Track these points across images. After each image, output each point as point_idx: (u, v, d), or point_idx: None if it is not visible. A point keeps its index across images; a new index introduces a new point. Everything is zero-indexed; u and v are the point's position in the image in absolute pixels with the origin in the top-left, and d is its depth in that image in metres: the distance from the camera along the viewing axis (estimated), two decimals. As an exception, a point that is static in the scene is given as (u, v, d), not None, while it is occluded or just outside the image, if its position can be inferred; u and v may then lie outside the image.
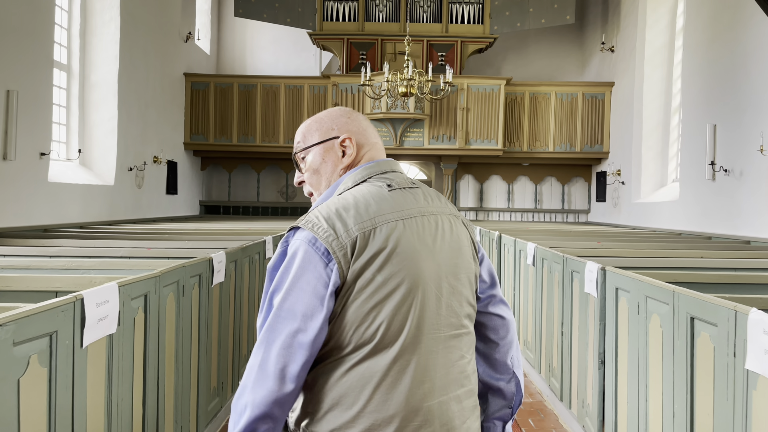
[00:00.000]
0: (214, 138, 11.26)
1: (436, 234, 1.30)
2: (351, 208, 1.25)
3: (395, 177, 1.36)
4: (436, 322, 1.26)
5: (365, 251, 1.21)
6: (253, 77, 11.28)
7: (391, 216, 1.25)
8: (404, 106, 10.50)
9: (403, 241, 1.24)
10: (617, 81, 10.93)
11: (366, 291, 1.20)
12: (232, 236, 6.58)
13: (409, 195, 1.32)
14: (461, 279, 1.32)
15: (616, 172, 10.63)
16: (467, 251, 1.37)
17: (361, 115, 1.50)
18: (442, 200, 1.41)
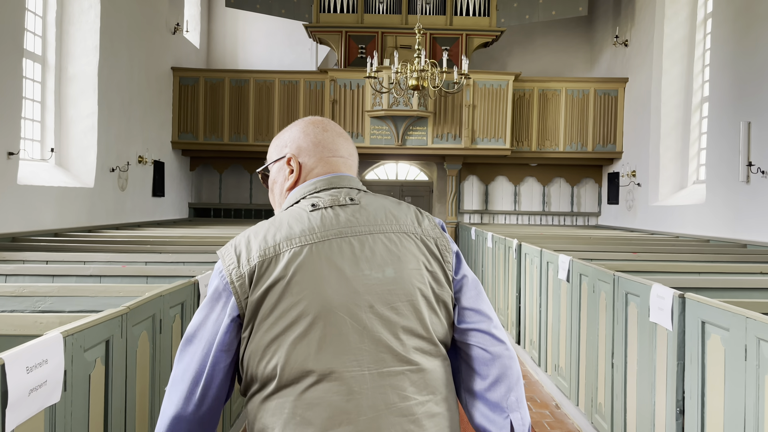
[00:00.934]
0: (203, 137, 10.57)
1: (359, 257, 1.19)
2: (261, 233, 1.22)
3: (329, 195, 1.28)
4: (357, 357, 1.14)
5: (263, 280, 1.16)
6: (245, 72, 10.61)
7: (297, 240, 1.18)
8: (407, 102, 9.86)
9: (308, 267, 1.16)
10: (632, 77, 10.34)
11: (266, 323, 1.15)
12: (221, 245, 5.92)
13: (332, 214, 1.23)
14: (399, 308, 1.18)
15: (630, 173, 10.05)
16: (414, 274, 1.21)
17: (325, 127, 1.40)
18: (397, 215, 1.28)
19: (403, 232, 1.25)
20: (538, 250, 5.23)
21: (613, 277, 3.52)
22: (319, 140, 1.38)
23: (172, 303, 2.64)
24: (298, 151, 1.37)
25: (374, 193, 1.38)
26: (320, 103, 10.52)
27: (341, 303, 1.15)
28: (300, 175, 1.37)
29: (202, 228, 8.82)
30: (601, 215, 11.65)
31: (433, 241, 1.28)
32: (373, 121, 10.28)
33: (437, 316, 1.23)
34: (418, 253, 1.24)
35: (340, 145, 1.39)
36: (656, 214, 9.29)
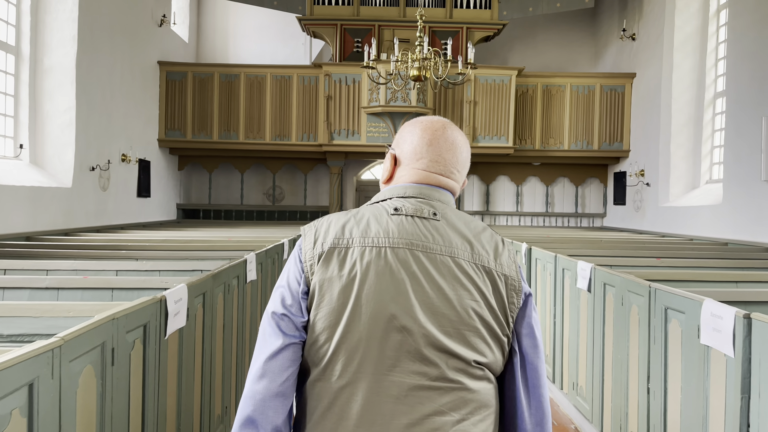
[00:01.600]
0: (192, 134, 10.08)
1: (423, 273, 1.21)
2: (341, 222, 1.28)
3: (415, 203, 1.31)
4: (399, 365, 1.17)
5: (329, 267, 1.22)
6: (235, 66, 10.12)
7: (371, 240, 1.23)
8: (405, 98, 9.40)
9: (371, 268, 1.20)
10: (639, 72, 9.90)
11: (323, 310, 1.21)
12: (206, 250, 5.44)
13: (411, 224, 1.26)
14: (449, 331, 1.19)
15: (638, 173, 9.61)
16: (471, 304, 1.21)
17: (436, 136, 1.38)
18: (473, 242, 1.26)
19: (473, 261, 1.25)
20: (552, 255, 4.78)
21: (648, 289, 3.07)
22: (422, 148, 1.37)
23: (131, 326, 2.17)
24: (401, 151, 1.41)
25: (463, 213, 1.35)
26: (314, 99, 10.05)
27: (394, 311, 1.18)
28: (393, 174, 1.41)
29: (189, 230, 8.34)
30: (606, 216, 11.21)
31: (503, 279, 1.26)
32: (369, 117, 9.81)
33: (488, 347, 1.23)
34: (480, 285, 1.24)
35: (442, 157, 1.37)
36: (667, 216, 8.85)
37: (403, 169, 1.39)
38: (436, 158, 1.36)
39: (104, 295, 3.09)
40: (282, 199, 11.68)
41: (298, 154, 10.59)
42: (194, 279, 3.02)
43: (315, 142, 10.05)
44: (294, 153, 10.48)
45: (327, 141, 9.85)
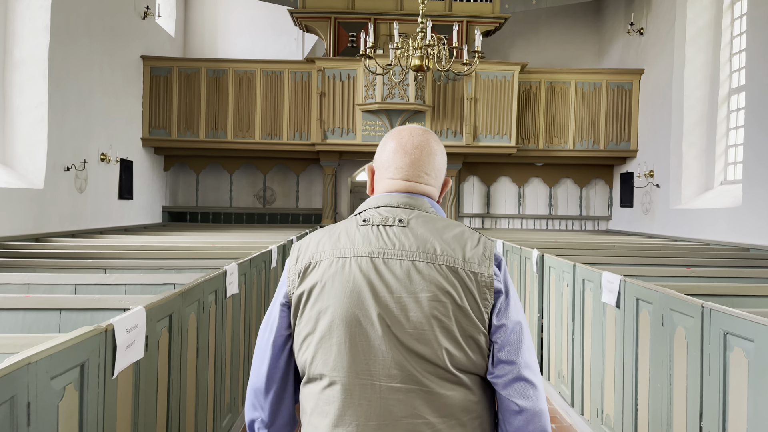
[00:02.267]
0: (177, 133, 9.55)
1: (384, 279, 1.25)
2: (317, 238, 1.37)
3: (383, 212, 1.35)
4: (370, 369, 1.23)
5: (306, 281, 1.31)
6: (224, 61, 9.60)
7: (338, 252, 1.30)
8: (403, 95, 8.91)
9: (338, 278, 1.27)
10: (648, 68, 9.45)
11: (302, 320, 1.31)
12: (186, 258, 4.93)
13: (376, 233, 1.31)
14: (414, 333, 1.22)
15: (647, 174, 9.15)
16: (434, 305, 1.23)
17: (402, 143, 1.42)
18: (438, 244, 1.28)
19: (437, 262, 1.26)
20: (570, 265, 4.29)
21: (700, 309, 2.58)
22: (391, 157, 1.43)
23: (58, 370, 1.65)
24: (376, 164, 1.48)
25: (437, 216, 1.38)
26: (307, 96, 9.54)
27: (360, 318, 1.24)
28: (372, 186, 1.49)
29: (172, 235, 7.81)
30: (612, 219, 10.75)
31: (472, 276, 1.26)
32: (365, 115, 9.31)
33: (460, 349, 1.23)
34: (446, 285, 1.24)
35: (408, 163, 1.40)
36: (679, 219, 8.39)
37: (379, 180, 1.45)
38: (402, 165, 1.40)
39: (50, 319, 2.58)
40: (273, 202, 11.16)
41: (290, 154, 10.08)
42: (158, 298, 2.51)
43: (307, 141, 9.54)
44: (285, 153, 9.97)
45: (320, 140, 9.35)
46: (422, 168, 1.40)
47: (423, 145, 1.41)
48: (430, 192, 1.43)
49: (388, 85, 8.90)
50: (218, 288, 3.51)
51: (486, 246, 1.31)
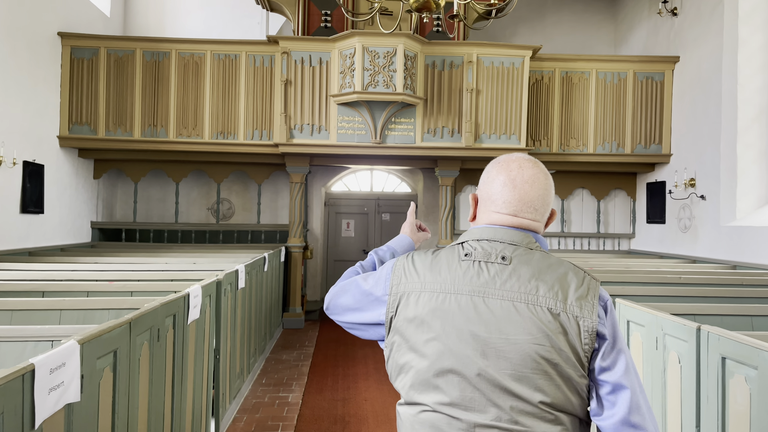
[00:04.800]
0: (105, 130, 7.63)
1: (484, 318, 1.26)
2: (421, 263, 1.38)
3: (486, 247, 1.34)
4: (466, 404, 1.24)
5: (406, 309, 1.33)
6: (165, 41, 7.72)
7: (440, 286, 1.31)
8: (388, 83, 7.11)
9: (438, 314, 1.29)
10: (685, 54, 7.81)
11: (401, 348, 1.33)
12: (80, 310, 3.04)
13: (477, 269, 1.31)
14: (512, 374, 1.22)
15: (687, 182, 7.46)
16: (534, 348, 1.22)
17: (504, 173, 1.39)
18: (540, 285, 1.27)
19: (537, 304, 1.24)
20: (653, 317, 2.48)
21: None
22: (497, 189, 1.39)
23: None
24: (480, 193, 1.46)
25: (541, 253, 1.34)
26: (269, 85, 7.70)
27: (458, 355, 1.25)
28: (475, 214, 1.47)
29: (87, 263, 5.89)
30: (635, 237, 9.05)
31: (574, 320, 1.24)
32: (341, 109, 7.50)
33: (559, 390, 1.22)
34: (546, 328, 1.22)
35: (516, 198, 1.37)
36: (733, 238, 6.70)
37: (482, 211, 1.43)
38: (509, 199, 1.37)
39: None
40: (231, 216, 9.25)
41: (249, 158, 8.21)
42: None
43: (269, 141, 7.69)
44: (243, 156, 8.10)
45: (285, 139, 7.50)
46: (531, 203, 1.36)
47: (533, 179, 1.37)
48: (536, 227, 1.38)
49: (370, 70, 7.11)
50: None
51: (590, 288, 1.27)
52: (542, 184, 1.38)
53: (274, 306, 7.32)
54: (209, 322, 3.80)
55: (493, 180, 1.40)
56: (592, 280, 1.29)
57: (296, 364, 6.29)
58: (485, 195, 1.42)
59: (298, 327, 8.17)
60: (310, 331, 8.05)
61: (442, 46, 7.55)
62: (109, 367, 2.21)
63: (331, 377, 5.79)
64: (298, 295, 8.24)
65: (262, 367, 6.16)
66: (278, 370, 6.04)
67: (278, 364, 6.28)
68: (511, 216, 1.36)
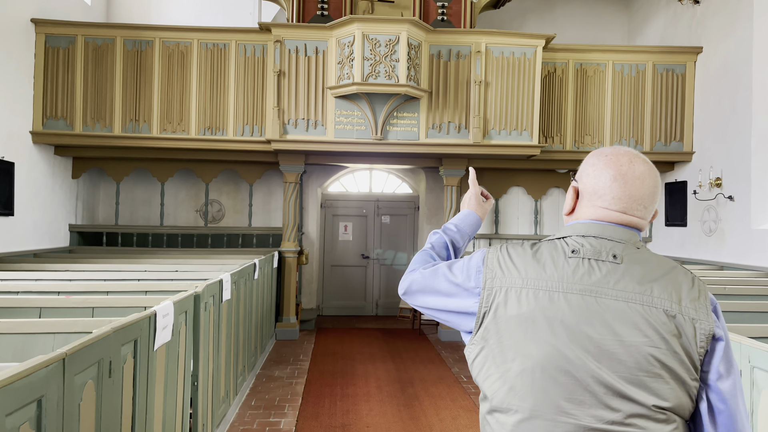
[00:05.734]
0: (83, 125, 7.03)
1: (595, 318, 1.20)
2: (521, 257, 1.30)
3: (595, 244, 1.29)
4: (570, 411, 1.18)
5: (505, 305, 1.25)
6: (148, 28, 7.12)
7: (545, 283, 1.24)
8: (390, 74, 6.54)
9: (545, 312, 1.22)
10: (709, 45, 7.26)
11: (496, 346, 1.25)
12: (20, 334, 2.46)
13: (587, 267, 1.25)
14: (624, 376, 1.17)
15: (713, 182, 6.91)
16: (648, 350, 1.17)
17: (613, 166, 1.32)
18: (654, 285, 1.22)
19: (653, 305, 1.20)
20: None
21: None
22: (605, 184, 1.32)
23: None
24: (583, 186, 1.38)
25: (649, 252, 1.30)
26: (261, 77, 7.12)
27: (569, 356, 1.18)
28: (575, 208, 1.39)
29: (63, 269, 5.31)
30: (651, 241, 8.49)
31: (690, 322, 1.21)
32: (339, 102, 6.92)
33: (672, 391, 1.18)
34: (662, 330, 1.19)
35: (626, 194, 1.30)
36: (766, 242, 6.14)
37: (585, 206, 1.36)
38: (620, 195, 1.31)
39: None
40: (221, 219, 8.67)
41: (240, 156, 7.63)
42: None
43: (261, 137, 7.10)
44: (233, 154, 7.51)
45: (278, 135, 6.92)
46: (641, 201, 1.31)
47: (645, 175, 1.31)
48: (642, 225, 1.33)
49: (371, 60, 6.54)
50: None
51: (701, 290, 1.24)
52: (653, 181, 1.32)
53: (265, 316, 6.73)
54: (185, 344, 3.21)
55: (601, 173, 1.32)
56: (700, 281, 1.26)
57: (290, 381, 5.70)
58: (590, 188, 1.34)
59: (292, 338, 7.57)
60: (306, 342, 7.46)
61: (448, 35, 6.99)
62: (28, 424, 1.62)
63: (328, 398, 5.20)
64: (292, 304, 7.65)
65: (252, 385, 5.56)
66: (270, 389, 5.45)
67: (270, 381, 5.69)
68: (621, 213, 1.31)
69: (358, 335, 7.98)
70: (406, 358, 6.74)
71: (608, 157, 1.33)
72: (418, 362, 6.57)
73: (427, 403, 5.13)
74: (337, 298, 9.47)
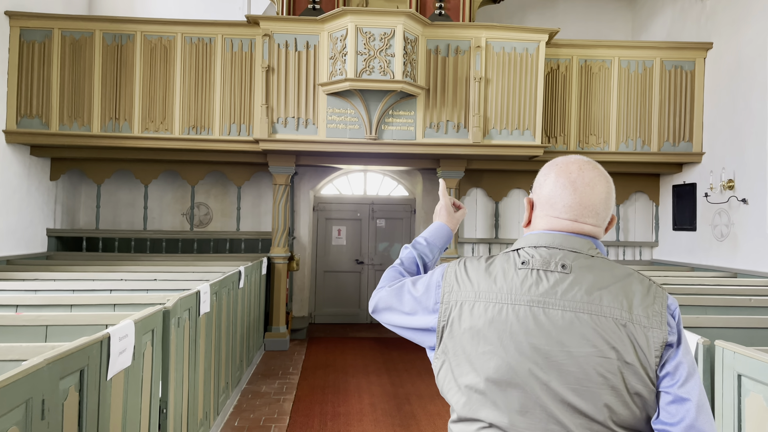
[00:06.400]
0: (60, 123, 6.63)
1: (543, 330, 1.17)
2: (476, 270, 1.30)
3: (544, 254, 1.26)
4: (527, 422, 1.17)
5: (460, 319, 1.26)
6: (129, 21, 6.73)
7: (495, 296, 1.24)
8: (385, 69, 6.18)
9: (495, 325, 1.21)
10: (719, 40, 6.93)
11: (454, 359, 1.25)
12: None
13: (535, 278, 1.23)
14: (575, 388, 1.14)
15: (725, 184, 6.57)
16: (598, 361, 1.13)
17: (563, 176, 1.30)
18: (604, 294, 1.18)
19: (602, 314, 1.17)
20: None
21: None
22: (556, 193, 1.31)
23: None
24: (537, 197, 1.37)
25: (602, 260, 1.25)
26: (249, 73, 6.74)
27: (516, 369, 1.17)
28: (530, 220, 1.39)
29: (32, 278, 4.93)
30: (658, 246, 8.13)
31: (641, 331, 1.16)
32: (331, 100, 6.55)
33: (625, 406, 1.14)
34: (612, 340, 1.15)
35: (576, 202, 1.28)
36: (784, 248, 5.80)
37: (539, 216, 1.35)
38: (570, 203, 1.29)
39: None
40: (208, 223, 8.27)
41: (227, 157, 7.24)
42: None
43: (249, 137, 6.72)
44: (220, 154, 7.12)
45: (267, 135, 6.54)
46: (593, 208, 1.28)
47: (594, 181, 1.28)
48: (596, 233, 1.30)
49: (365, 54, 6.17)
50: None
51: (657, 296, 1.19)
52: (604, 187, 1.30)
53: (253, 327, 6.33)
54: (151, 367, 2.82)
55: (552, 183, 1.32)
56: (657, 288, 1.22)
57: (277, 398, 5.30)
58: (543, 199, 1.33)
59: (282, 348, 7.18)
60: (296, 353, 7.07)
61: (446, 29, 6.63)
62: None
63: (318, 417, 4.80)
64: (282, 312, 7.25)
65: (237, 402, 5.17)
66: (255, 407, 5.05)
67: (256, 398, 5.29)
68: (572, 221, 1.29)
69: (352, 345, 7.59)
70: (402, 371, 6.36)
71: (558, 166, 1.32)
72: (415, 375, 6.19)
73: (425, 422, 4.74)
74: (330, 305, 9.08)
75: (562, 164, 1.32)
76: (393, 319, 1.42)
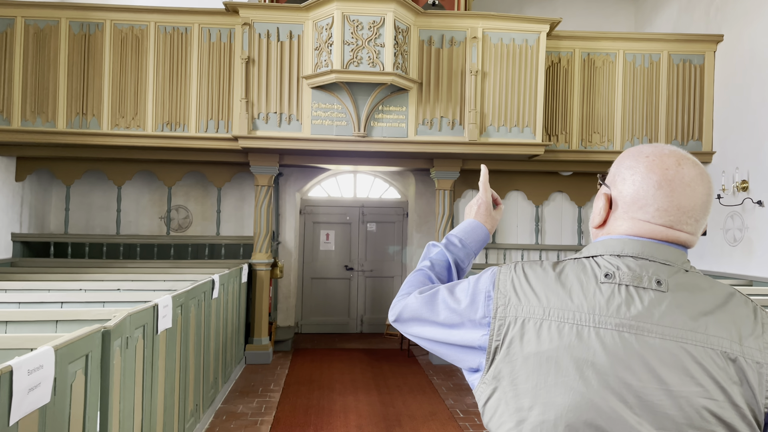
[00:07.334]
0: (21, 119, 6.13)
1: (634, 361, 0.95)
2: (540, 280, 1.06)
3: (633, 266, 1.02)
4: None
5: (521, 339, 1.02)
6: (97, 8, 6.23)
7: (571, 316, 1.00)
8: (374, 60, 5.71)
9: (571, 351, 0.97)
10: (730, 32, 6.51)
11: (511, 390, 1.02)
12: None
13: (624, 297, 0.99)
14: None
15: (738, 186, 6.13)
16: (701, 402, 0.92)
17: (658, 170, 1.05)
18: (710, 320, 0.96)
19: (709, 346, 0.95)
20: None
21: None
22: (648, 192, 1.06)
23: None
24: (618, 192, 1.10)
25: (699, 276, 1.03)
26: (227, 65, 6.26)
27: (604, 410, 0.95)
28: (608, 219, 1.12)
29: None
30: (664, 251, 7.69)
31: (755, 366, 0.95)
32: (316, 94, 6.08)
33: None
34: (720, 378, 0.94)
35: (674, 205, 1.04)
36: (805, 254, 5.36)
37: (621, 217, 1.09)
38: (667, 206, 1.04)
39: None
40: (188, 226, 7.77)
41: (205, 155, 6.75)
42: None
43: (227, 133, 6.24)
44: (197, 152, 6.63)
45: (247, 131, 6.06)
46: (691, 213, 1.04)
47: (696, 182, 1.04)
48: (691, 242, 1.06)
49: (352, 44, 5.70)
50: None
51: (765, 323, 0.98)
52: (706, 188, 1.05)
53: (231, 339, 5.84)
54: (83, 401, 2.33)
55: (641, 179, 1.06)
56: (764, 313, 1.01)
57: (254, 420, 4.80)
58: (627, 197, 1.07)
59: (264, 362, 6.68)
60: (279, 366, 6.57)
61: (440, 18, 6.17)
62: None
63: (297, 443, 4.31)
64: (264, 323, 6.76)
65: (209, 425, 4.67)
66: (228, 430, 4.55)
67: (231, 420, 4.79)
68: (666, 228, 1.04)
69: (339, 357, 7.10)
70: (393, 387, 5.87)
71: (650, 159, 1.08)
72: (407, 392, 5.71)
73: (417, 448, 4.26)
74: (317, 314, 8.59)
75: (654, 156, 1.08)
76: (422, 331, 1.19)
